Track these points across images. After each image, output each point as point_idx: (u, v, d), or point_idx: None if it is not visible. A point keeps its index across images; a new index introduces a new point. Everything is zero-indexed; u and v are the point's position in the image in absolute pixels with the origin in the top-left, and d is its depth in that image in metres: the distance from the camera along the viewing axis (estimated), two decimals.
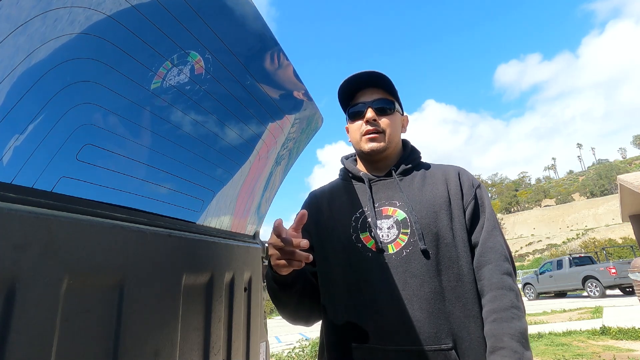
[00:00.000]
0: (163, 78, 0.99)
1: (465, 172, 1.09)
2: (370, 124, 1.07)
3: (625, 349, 5.22)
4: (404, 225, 0.97)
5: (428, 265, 0.91)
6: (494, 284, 0.89)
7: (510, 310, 0.85)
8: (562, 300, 14.97)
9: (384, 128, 1.07)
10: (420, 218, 0.97)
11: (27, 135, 0.73)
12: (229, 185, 1.49)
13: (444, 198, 1.00)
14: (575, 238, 54.53)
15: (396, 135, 1.11)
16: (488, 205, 1.03)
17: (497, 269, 0.91)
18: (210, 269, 1.28)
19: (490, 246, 0.94)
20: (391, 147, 1.09)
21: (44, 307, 0.69)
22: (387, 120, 1.07)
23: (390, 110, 1.08)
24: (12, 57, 0.65)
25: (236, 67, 1.17)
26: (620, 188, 12.63)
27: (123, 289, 0.88)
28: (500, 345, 0.81)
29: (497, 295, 0.88)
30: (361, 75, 1.08)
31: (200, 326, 1.20)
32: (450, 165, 1.14)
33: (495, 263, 0.92)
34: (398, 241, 0.96)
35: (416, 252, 0.93)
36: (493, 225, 0.98)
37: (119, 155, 0.97)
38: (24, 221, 0.67)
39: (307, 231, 1.10)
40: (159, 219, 1.15)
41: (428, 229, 0.95)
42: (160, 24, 0.89)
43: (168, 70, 0.99)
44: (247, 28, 1.12)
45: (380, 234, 0.98)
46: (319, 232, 1.09)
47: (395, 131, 1.10)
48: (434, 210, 0.98)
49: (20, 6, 0.62)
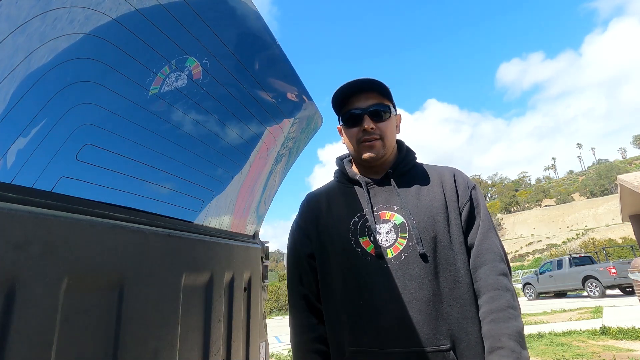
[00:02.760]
0: (163, 78, 0.99)
1: (460, 174, 1.10)
2: (368, 132, 1.05)
3: (625, 349, 5.23)
4: (402, 230, 0.98)
5: (426, 269, 0.93)
6: (490, 284, 0.91)
7: (507, 311, 0.87)
8: (562, 300, 14.97)
9: (381, 135, 1.06)
10: (418, 222, 0.98)
11: (27, 135, 0.73)
12: (229, 185, 1.49)
13: (440, 201, 1.02)
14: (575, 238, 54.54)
15: (393, 140, 1.11)
16: (483, 206, 1.04)
17: (493, 270, 0.93)
18: (209, 269, 1.28)
19: (486, 247, 0.96)
20: (388, 152, 1.10)
21: (44, 307, 0.69)
22: (384, 125, 1.06)
23: (386, 114, 1.07)
24: (12, 57, 0.65)
25: (236, 67, 1.17)
26: (620, 188, 12.63)
27: (123, 289, 0.88)
28: (498, 345, 0.83)
29: (494, 295, 0.89)
30: (354, 83, 1.06)
31: (199, 326, 1.20)
32: (445, 166, 1.14)
33: (491, 264, 0.94)
34: (396, 245, 0.97)
35: (414, 256, 0.94)
36: (488, 226, 1.00)
37: (119, 155, 0.97)
38: (24, 221, 0.67)
39: (307, 236, 1.11)
40: (159, 219, 1.15)
41: (426, 233, 0.96)
42: (161, 25, 0.89)
43: (168, 70, 0.99)
44: (247, 29, 1.12)
45: (379, 239, 0.98)
46: (320, 235, 1.08)
47: (392, 136, 1.10)
48: (431, 214, 0.99)
49: (20, 6, 0.62)
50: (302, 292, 1.08)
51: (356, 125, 1.07)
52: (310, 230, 1.11)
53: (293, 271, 1.12)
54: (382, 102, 1.07)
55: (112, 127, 0.92)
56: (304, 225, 1.13)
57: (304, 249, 1.11)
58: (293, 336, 1.07)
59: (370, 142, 1.05)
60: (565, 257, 16.18)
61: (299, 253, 1.11)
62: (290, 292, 1.11)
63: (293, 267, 1.12)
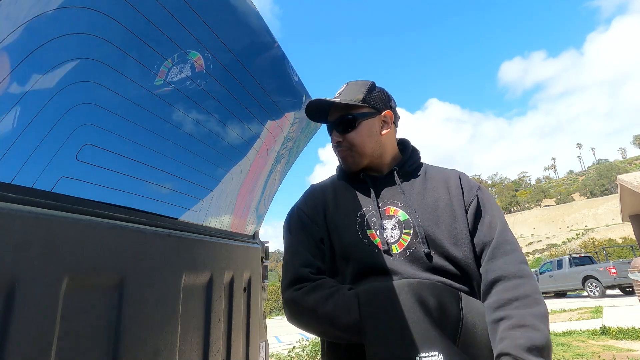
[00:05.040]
0: (163, 78, 0.99)
1: (465, 176, 1.11)
2: (338, 144, 1.09)
3: (625, 349, 5.23)
4: (406, 226, 0.99)
5: (430, 267, 0.93)
6: (513, 272, 0.91)
7: (533, 296, 0.87)
8: (562, 300, 14.96)
9: (350, 145, 1.08)
10: (423, 220, 0.98)
11: (27, 135, 0.73)
12: (229, 185, 1.49)
13: (445, 201, 1.02)
14: (575, 238, 54.54)
15: (369, 143, 1.10)
16: (494, 205, 1.05)
17: (514, 258, 0.93)
18: (209, 269, 1.28)
19: (506, 239, 0.97)
20: (367, 156, 1.10)
21: (44, 307, 0.69)
22: (351, 136, 1.08)
23: (353, 124, 1.07)
24: (12, 57, 0.65)
25: (236, 67, 1.17)
26: (620, 188, 12.64)
27: (123, 289, 0.88)
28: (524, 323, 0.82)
29: (518, 283, 0.89)
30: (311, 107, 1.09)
31: (199, 326, 1.20)
32: (451, 169, 1.15)
33: (513, 255, 0.94)
34: (401, 241, 0.97)
35: (419, 252, 0.95)
36: (504, 223, 1.01)
37: (118, 155, 0.97)
38: (24, 221, 0.67)
39: (316, 223, 1.07)
40: (158, 219, 1.15)
41: (430, 231, 0.97)
42: (160, 24, 0.89)
43: (168, 70, 0.99)
44: (247, 28, 1.12)
45: (385, 234, 0.99)
46: (328, 224, 1.06)
47: (364, 141, 1.08)
48: (436, 213, 1.00)
49: (20, 6, 0.62)
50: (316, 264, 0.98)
51: (331, 137, 1.12)
52: (316, 218, 1.07)
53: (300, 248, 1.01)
54: (347, 113, 1.08)
55: (112, 127, 0.92)
56: (309, 212, 1.08)
57: (315, 234, 1.03)
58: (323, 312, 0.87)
59: (341, 155, 1.10)
60: (565, 257, 16.17)
61: (307, 237, 1.03)
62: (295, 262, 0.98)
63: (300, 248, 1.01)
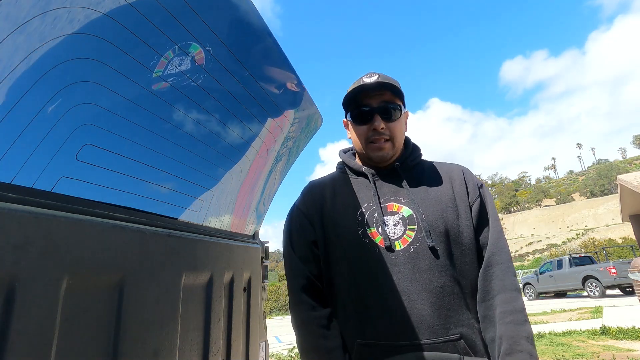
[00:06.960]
0: (163, 78, 0.99)
1: (468, 171, 1.11)
2: (378, 132, 1.02)
3: (625, 348, 5.23)
4: (410, 222, 0.98)
5: (435, 261, 0.93)
6: (507, 285, 0.93)
7: (522, 313, 0.90)
8: (562, 300, 14.95)
9: (391, 135, 1.03)
10: (427, 215, 0.97)
11: (27, 135, 0.73)
12: (229, 184, 1.49)
13: (449, 196, 1.02)
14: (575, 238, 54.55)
15: (402, 139, 1.09)
16: (493, 206, 1.05)
17: (508, 270, 0.95)
18: (209, 269, 1.28)
19: (501, 247, 0.98)
20: (397, 153, 1.09)
21: (44, 307, 0.69)
22: (393, 125, 1.03)
23: (397, 114, 1.04)
24: (12, 57, 0.65)
25: (236, 67, 1.17)
26: (620, 188, 12.63)
27: (123, 289, 0.88)
28: (518, 348, 0.86)
29: (511, 297, 0.92)
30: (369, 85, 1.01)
31: (199, 326, 1.20)
32: (454, 163, 1.14)
33: (506, 264, 0.96)
34: (405, 237, 0.96)
35: (424, 248, 0.94)
36: (500, 228, 1.02)
37: (118, 155, 0.97)
38: (24, 221, 0.67)
39: (311, 223, 1.06)
40: (158, 219, 1.15)
41: (435, 226, 0.96)
42: (159, 24, 0.89)
43: (168, 70, 0.99)
44: (247, 28, 1.12)
45: (387, 231, 0.97)
46: (324, 224, 1.04)
47: (401, 135, 1.08)
48: (440, 207, 1.00)
49: (20, 6, 0.62)
50: (306, 273, 1.00)
51: (366, 123, 1.04)
52: (313, 217, 1.06)
53: (294, 257, 1.04)
54: (393, 101, 1.04)
55: (112, 127, 0.92)
56: (307, 212, 1.08)
57: (308, 235, 1.05)
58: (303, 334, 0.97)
59: (379, 144, 1.03)
60: (565, 257, 16.17)
61: (302, 239, 1.05)
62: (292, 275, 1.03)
63: (295, 251, 1.05)
